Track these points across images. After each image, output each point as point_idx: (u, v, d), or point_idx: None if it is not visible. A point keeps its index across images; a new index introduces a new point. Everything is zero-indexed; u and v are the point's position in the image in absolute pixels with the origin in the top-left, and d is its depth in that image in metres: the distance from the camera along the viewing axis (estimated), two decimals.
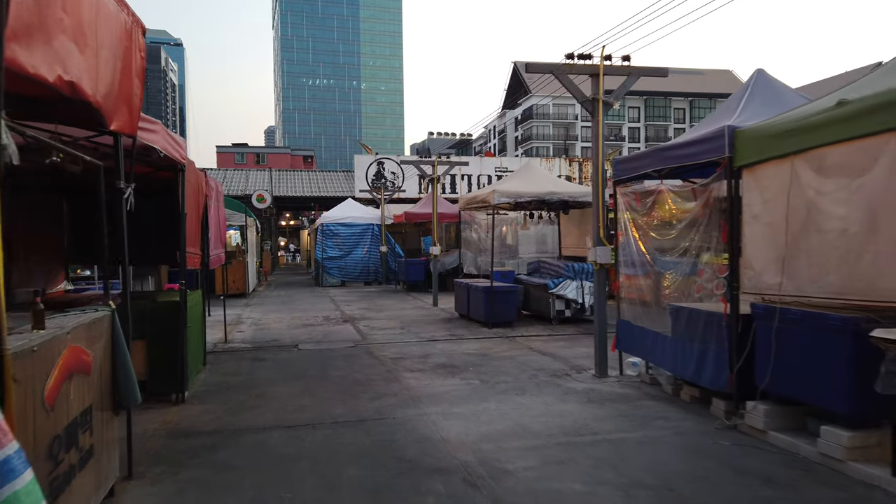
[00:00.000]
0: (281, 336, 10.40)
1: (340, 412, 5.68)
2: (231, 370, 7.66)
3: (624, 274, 6.93)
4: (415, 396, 6.21)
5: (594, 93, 6.93)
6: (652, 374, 6.65)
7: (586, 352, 8.48)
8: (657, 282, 6.36)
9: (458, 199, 26.15)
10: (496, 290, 10.83)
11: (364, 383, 6.81)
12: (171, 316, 6.05)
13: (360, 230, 21.74)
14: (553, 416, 5.47)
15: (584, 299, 11.28)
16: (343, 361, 8.10)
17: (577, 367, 7.50)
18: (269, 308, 14.92)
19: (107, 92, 3.44)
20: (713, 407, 5.43)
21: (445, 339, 9.81)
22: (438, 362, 7.95)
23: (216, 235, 8.77)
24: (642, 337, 6.58)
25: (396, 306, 14.90)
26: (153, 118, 5.02)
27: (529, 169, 12.13)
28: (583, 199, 11.31)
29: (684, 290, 5.98)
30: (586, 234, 12.36)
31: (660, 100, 78.25)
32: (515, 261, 17.48)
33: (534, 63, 6.95)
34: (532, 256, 15.94)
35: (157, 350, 6.00)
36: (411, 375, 7.18)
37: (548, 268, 12.27)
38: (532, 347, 8.99)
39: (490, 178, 30.17)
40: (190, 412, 5.74)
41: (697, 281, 5.89)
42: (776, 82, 6.08)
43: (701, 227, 5.59)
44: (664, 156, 6.02)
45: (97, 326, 3.56)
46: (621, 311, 7.02)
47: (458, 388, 6.57)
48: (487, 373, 7.27)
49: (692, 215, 5.67)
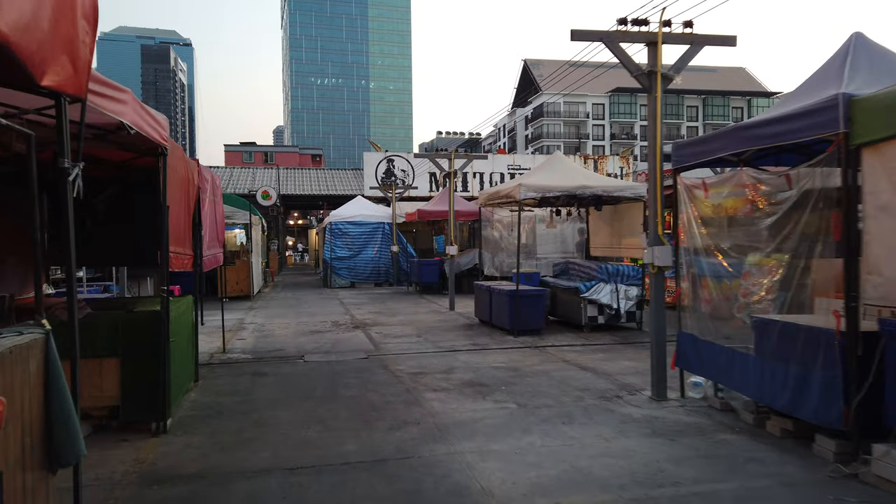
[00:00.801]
0: (286, 345, 9.41)
1: (353, 448, 4.66)
2: (227, 388, 6.66)
3: (687, 278, 5.86)
4: (442, 425, 5.18)
5: (651, 64, 5.87)
6: (723, 398, 5.58)
7: (632, 366, 7.42)
8: (733, 288, 5.28)
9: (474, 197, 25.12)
10: (522, 294, 9.78)
11: (380, 407, 5.79)
12: (149, 329, 5.05)
13: (371, 229, 20.73)
14: (616, 455, 4.42)
15: (620, 305, 10.21)
16: (355, 377, 7.08)
17: (627, 387, 6.43)
18: (274, 312, 13.94)
19: (28, 26, 2.42)
20: (817, 446, 4.36)
21: (468, 350, 8.77)
22: (464, 379, 6.92)
23: (212, 234, 7.78)
24: (711, 354, 5.51)
25: (410, 310, 13.87)
26: (124, 87, 4.01)
27: (557, 161, 11.07)
28: (618, 193, 10.24)
29: (777, 299, 4.90)
30: (619, 232, 11.29)
31: (672, 97, 76.77)
32: (533, 261, 16.42)
33: (581, 30, 5.90)
34: (556, 257, 14.88)
35: (133, 370, 5.00)
36: (434, 396, 6.15)
37: (577, 269, 11.20)
38: (567, 360, 7.93)
39: (503, 176, 29.15)
40: (171, 447, 4.73)
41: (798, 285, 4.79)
42: (879, 46, 5.00)
43: (799, 221, 4.52)
44: (746, 135, 4.95)
45: (15, 358, 2.55)
46: (683, 322, 5.95)
47: (491, 413, 5.53)
48: (523, 393, 6.23)
49: (786, 207, 4.60)
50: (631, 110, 77.34)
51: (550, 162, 11.10)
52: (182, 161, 5.85)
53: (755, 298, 5.04)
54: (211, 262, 7.68)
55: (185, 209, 6.11)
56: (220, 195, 8.52)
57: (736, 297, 5.29)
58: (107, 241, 6.91)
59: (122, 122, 3.91)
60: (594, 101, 76.34)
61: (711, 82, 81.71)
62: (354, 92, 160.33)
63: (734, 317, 5.33)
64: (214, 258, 7.87)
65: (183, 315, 5.96)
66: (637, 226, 10.71)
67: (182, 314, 5.92)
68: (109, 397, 5.00)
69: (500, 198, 11.00)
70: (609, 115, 77.36)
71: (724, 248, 5.38)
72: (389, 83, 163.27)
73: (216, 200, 8.13)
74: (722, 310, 5.47)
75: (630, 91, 75.90)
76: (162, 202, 4.98)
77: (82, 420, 5.20)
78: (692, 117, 78.03)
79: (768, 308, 4.93)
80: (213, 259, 7.82)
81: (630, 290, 10.26)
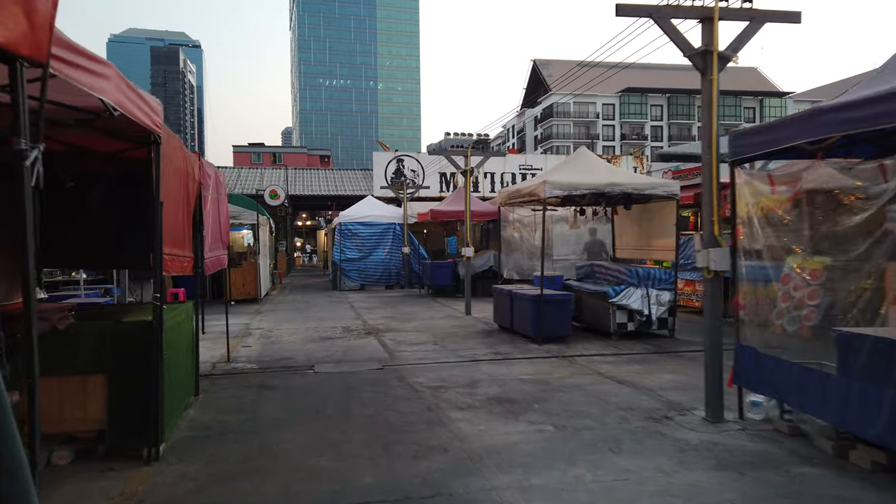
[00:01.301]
0: (294, 353, 8.79)
1: (372, 481, 4.02)
2: (229, 403, 6.04)
3: (748, 284, 5.18)
4: (472, 453, 4.53)
5: (706, 43, 5.21)
6: (790, 421, 4.91)
7: (674, 381, 6.75)
8: (808, 297, 4.61)
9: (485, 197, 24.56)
10: (548, 299, 9.11)
11: (400, 429, 5.14)
12: (140, 341, 4.43)
13: (381, 230, 20.10)
14: (681, 494, 3.76)
15: (651, 311, 9.53)
16: (370, 392, 6.44)
17: (674, 406, 5.76)
18: (282, 316, 13.34)
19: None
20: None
21: (490, 360, 8.12)
22: (490, 394, 6.27)
23: (215, 234, 7.18)
24: (778, 371, 4.83)
25: (424, 315, 13.23)
26: (106, 60, 3.40)
27: (582, 157, 10.40)
28: (649, 191, 9.56)
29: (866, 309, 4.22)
30: (648, 233, 10.62)
31: (683, 97, 75.96)
32: (549, 263, 15.71)
33: (626, 4, 5.24)
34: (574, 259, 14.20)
35: (121, 388, 4.39)
36: (461, 416, 5.50)
37: (604, 272, 10.52)
38: (601, 372, 7.27)
39: (514, 176, 28.55)
40: (164, 477, 4.11)
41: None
42: None
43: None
44: (825, 120, 4.27)
45: None
46: (742, 333, 5.26)
47: (527, 438, 4.87)
48: (559, 412, 5.57)
49: (881, 203, 3.92)
50: (641, 111, 76.54)
51: (575, 158, 10.44)
52: (180, 153, 5.24)
53: (836, 308, 4.37)
54: (214, 265, 7.07)
55: (184, 206, 5.50)
56: (224, 193, 7.93)
57: (809, 305, 4.62)
58: (101, 240, 6.33)
59: (102, 100, 3.29)
60: (604, 101, 75.58)
61: (723, 82, 78.52)
62: (362, 93, 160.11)
63: (805, 328, 4.66)
64: (217, 260, 7.26)
65: (181, 324, 5.35)
66: (669, 226, 10.04)
67: (180, 323, 5.31)
68: (94, 420, 4.39)
69: (521, 196, 10.34)
70: (619, 115, 76.57)
71: (795, 249, 4.71)
72: (397, 84, 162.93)
73: (220, 198, 7.53)
74: (791, 320, 4.80)
75: (640, 91, 75.07)
76: (154, 196, 4.37)
77: (64, 444, 4.60)
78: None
79: (859, 320, 4.25)
80: (217, 261, 7.21)
81: (662, 295, 9.57)
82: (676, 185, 9.63)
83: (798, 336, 5.36)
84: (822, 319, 5.08)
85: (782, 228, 4.90)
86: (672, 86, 74.87)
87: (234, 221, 15.90)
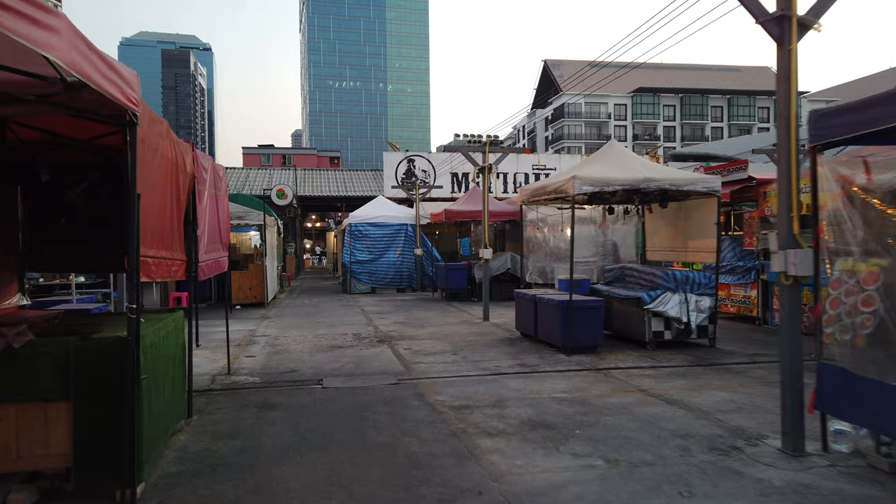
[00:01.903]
0: (301, 364, 8.04)
1: None
2: (226, 427, 5.29)
3: (836, 291, 4.37)
4: (513, 497, 3.74)
5: (783, 7, 4.41)
6: (890, 456, 4.09)
7: (730, 399, 5.93)
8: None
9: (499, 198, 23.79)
10: (578, 306, 8.31)
11: (423, 463, 4.37)
12: (113, 361, 3.69)
13: (393, 231, 19.35)
14: None
15: (690, 318, 8.70)
16: (385, 413, 5.67)
17: (740, 433, 4.94)
18: (289, 322, 12.61)
19: None
20: None
21: (516, 374, 7.33)
22: (522, 416, 5.48)
23: (213, 234, 6.46)
24: (877, 396, 4.02)
25: (439, 320, 12.45)
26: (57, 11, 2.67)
27: (614, 151, 9.58)
28: (688, 187, 8.75)
29: None
30: (685, 233, 9.80)
31: (696, 97, 74.92)
32: (565, 265, 14.88)
33: None
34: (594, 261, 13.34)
35: (89, 418, 3.65)
36: (492, 445, 4.72)
37: (637, 276, 9.70)
38: (644, 389, 6.46)
39: (527, 176, 27.77)
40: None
41: None
42: None
43: None
44: None
45: None
46: (827, 351, 4.45)
47: (575, 476, 4.08)
48: (606, 441, 4.77)
49: None
50: (653, 111, 75.51)
51: (606, 152, 9.62)
52: (166, 140, 4.50)
53: None
54: (212, 268, 6.33)
55: (173, 202, 4.77)
56: (224, 189, 7.20)
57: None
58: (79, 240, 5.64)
59: (48, 57, 2.55)
60: (616, 101, 74.65)
61: (736, 82, 79.40)
62: (372, 95, 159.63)
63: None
64: (216, 263, 6.53)
65: (167, 338, 4.61)
66: (708, 225, 9.22)
67: (165, 337, 4.56)
68: (58, 455, 3.66)
69: (546, 193, 9.55)
70: (631, 115, 75.56)
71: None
72: (407, 86, 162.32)
73: (218, 195, 6.80)
74: (891, 336, 3.98)
75: (653, 91, 74.05)
76: (130, 187, 3.63)
77: (23, 483, 3.88)
78: (717, 118, 75.97)
79: None
80: (215, 264, 6.48)
81: (702, 301, 8.74)
82: (718, 180, 8.80)
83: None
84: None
85: (879, 225, 4.08)
86: (685, 85, 73.77)
87: (241, 222, 15.21)
